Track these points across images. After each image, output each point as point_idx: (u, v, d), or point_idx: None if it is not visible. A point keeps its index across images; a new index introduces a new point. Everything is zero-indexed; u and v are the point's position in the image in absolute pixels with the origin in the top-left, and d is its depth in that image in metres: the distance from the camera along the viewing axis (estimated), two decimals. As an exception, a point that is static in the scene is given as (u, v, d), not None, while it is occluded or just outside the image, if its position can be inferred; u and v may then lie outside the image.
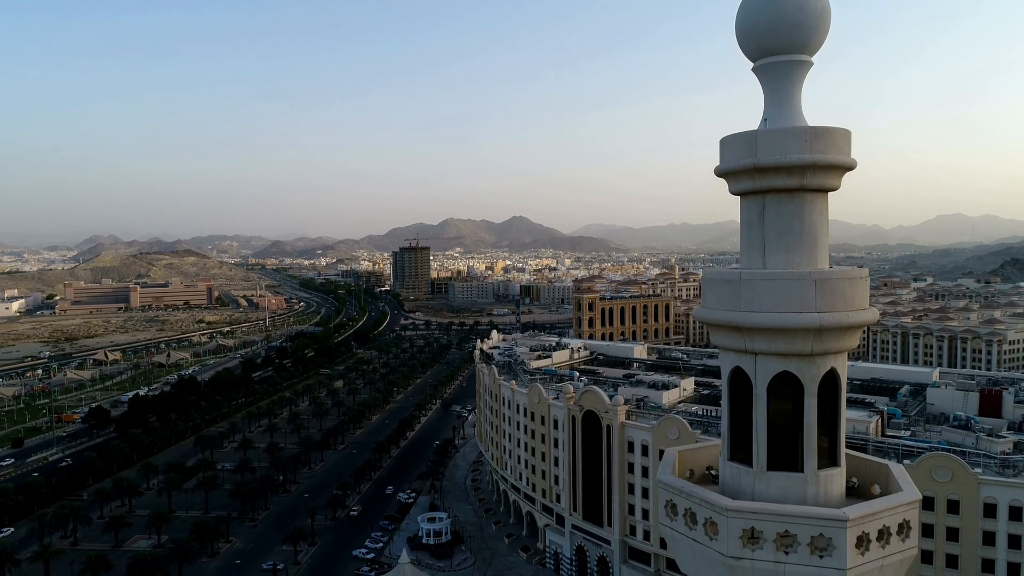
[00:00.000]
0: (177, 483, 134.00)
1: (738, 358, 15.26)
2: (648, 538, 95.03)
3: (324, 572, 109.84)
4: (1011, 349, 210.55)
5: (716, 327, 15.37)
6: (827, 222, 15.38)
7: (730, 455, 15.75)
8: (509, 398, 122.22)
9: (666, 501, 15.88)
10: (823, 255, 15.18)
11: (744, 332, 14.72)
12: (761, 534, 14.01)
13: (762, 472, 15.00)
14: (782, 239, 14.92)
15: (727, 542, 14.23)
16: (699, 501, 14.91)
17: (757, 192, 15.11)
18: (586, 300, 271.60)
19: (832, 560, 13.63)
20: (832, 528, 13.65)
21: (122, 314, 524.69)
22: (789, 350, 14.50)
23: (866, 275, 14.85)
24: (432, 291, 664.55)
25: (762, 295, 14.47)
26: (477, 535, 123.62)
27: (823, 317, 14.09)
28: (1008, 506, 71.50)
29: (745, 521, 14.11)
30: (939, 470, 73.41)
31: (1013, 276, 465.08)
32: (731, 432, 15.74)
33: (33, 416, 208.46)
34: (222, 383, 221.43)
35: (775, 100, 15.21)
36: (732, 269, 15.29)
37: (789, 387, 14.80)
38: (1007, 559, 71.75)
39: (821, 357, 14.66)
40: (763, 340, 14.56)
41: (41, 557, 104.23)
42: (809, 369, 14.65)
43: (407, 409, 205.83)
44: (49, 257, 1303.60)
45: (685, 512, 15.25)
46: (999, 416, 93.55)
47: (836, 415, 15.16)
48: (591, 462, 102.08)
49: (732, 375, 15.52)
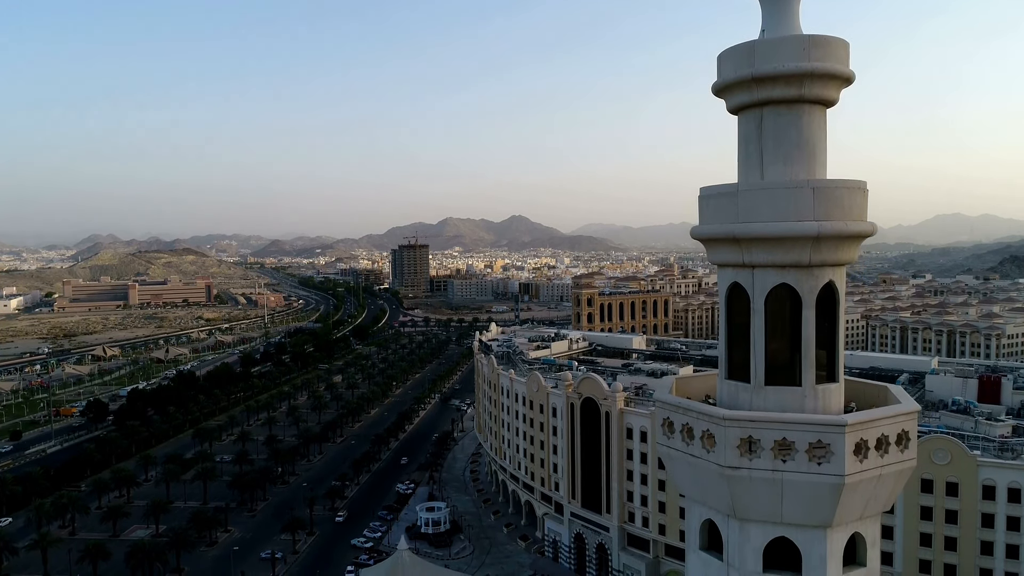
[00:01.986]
0: (175, 474, 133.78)
1: (736, 273, 15.14)
2: (647, 525, 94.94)
3: (323, 561, 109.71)
4: (1010, 343, 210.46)
5: (714, 242, 15.23)
6: (825, 139, 15.26)
7: (728, 374, 15.63)
8: (508, 387, 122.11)
9: (663, 419, 15.77)
10: (821, 171, 15.06)
11: (742, 244, 14.60)
12: (759, 443, 13.91)
13: (760, 387, 14.88)
14: (780, 150, 14.80)
15: (724, 452, 14.13)
16: (696, 414, 14.81)
17: (755, 105, 14.99)
18: (585, 295, 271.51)
19: (830, 467, 13.53)
20: (830, 434, 13.55)
21: (120, 311, 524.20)
22: (787, 261, 14.38)
23: (865, 187, 14.74)
24: (431, 289, 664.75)
25: (760, 205, 14.35)
26: (476, 525, 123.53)
27: (821, 225, 13.96)
28: (1007, 488, 71.52)
29: (742, 430, 14.01)
30: (938, 452, 73.40)
31: (1012, 273, 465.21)
32: (728, 350, 15.62)
33: (31, 410, 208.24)
34: (221, 377, 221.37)
35: (773, 11, 15.08)
36: (729, 183, 15.16)
37: (787, 300, 14.69)
38: (1006, 541, 71.78)
39: (819, 269, 14.54)
40: (761, 251, 14.44)
41: (39, 545, 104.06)
42: (807, 281, 14.53)
43: (406, 403, 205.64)
44: (48, 256, 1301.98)
45: (683, 428, 15.13)
46: (998, 403, 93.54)
47: (834, 330, 15.04)
48: (590, 449, 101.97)
49: (729, 291, 15.40)
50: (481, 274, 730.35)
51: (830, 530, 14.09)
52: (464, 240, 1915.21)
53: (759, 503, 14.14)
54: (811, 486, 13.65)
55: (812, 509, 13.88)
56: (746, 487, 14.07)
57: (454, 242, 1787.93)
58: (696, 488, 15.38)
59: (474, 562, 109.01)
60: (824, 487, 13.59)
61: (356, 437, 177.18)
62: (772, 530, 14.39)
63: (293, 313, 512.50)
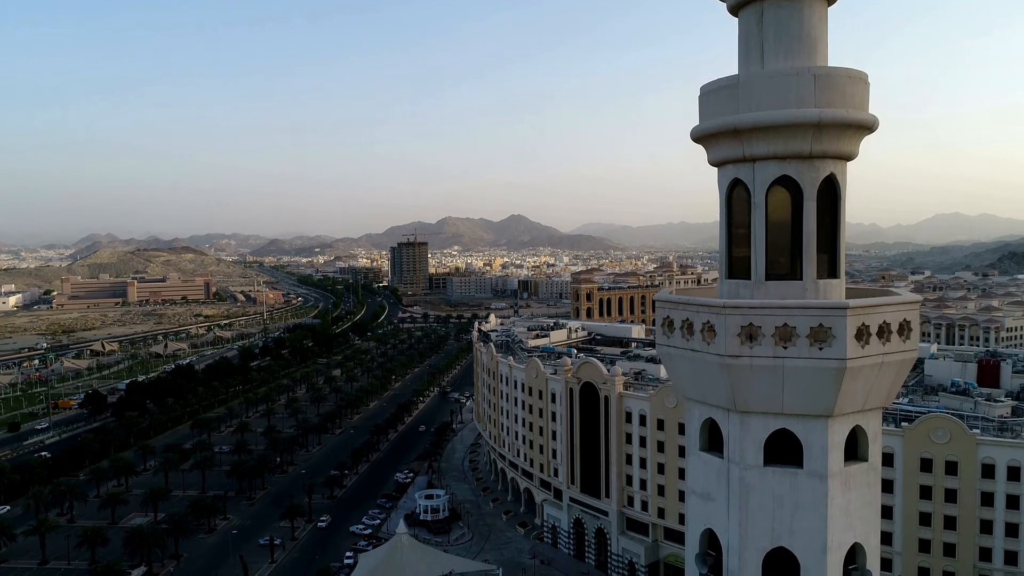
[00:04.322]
0: (174, 463, 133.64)
1: (736, 169, 15.01)
2: (646, 508, 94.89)
3: (321, 547, 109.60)
4: (1009, 336, 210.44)
5: (713, 137, 15.07)
6: (826, 34, 15.14)
7: (728, 273, 15.52)
8: (507, 375, 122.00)
9: (664, 318, 15.64)
10: (822, 63, 14.93)
11: (743, 136, 14.46)
12: (759, 330, 13.79)
13: (760, 282, 14.76)
14: (781, 42, 14.67)
15: (725, 341, 14.01)
16: (697, 307, 14.69)
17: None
18: (584, 290, 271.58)
19: (832, 351, 13.41)
20: (832, 317, 13.43)
21: (119, 308, 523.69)
22: (788, 151, 14.26)
23: (867, 78, 14.62)
24: (430, 286, 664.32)
25: (761, 94, 14.22)
26: (475, 512, 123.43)
27: (822, 112, 13.83)
28: (1006, 466, 71.41)
29: (743, 318, 13.90)
30: (937, 431, 73.35)
31: (1011, 269, 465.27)
32: (729, 250, 15.50)
33: (30, 403, 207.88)
34: (219, 370, 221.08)
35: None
36: (730, 75, 15.03)
37: (788, 192, 14.57)
38: (1005, 519, 71.68)
39: (820, 161, 14.42)
40: (762, 142, 14.31)
41: (37, 531, 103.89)
42: (808, 173, 14.41)
43: (405, 396, 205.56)
44: (47, 256, 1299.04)
45: (683, 323, 15.01)
46: (997, 386, 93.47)
47: (836, 225, 14.93)
48: (589, 434, 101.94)
49: (729, 189, 15.27)
50: (480, 272, 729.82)
51: (831, 420, 13.98)
52: (463, 239, 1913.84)
53: (760, 393, 14.03)
54: (812, 372, 13.53)
55: (813, 397, 13.76)
56: (747, 377, 13.96)
57: (453, 241, 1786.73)
58: (696, 385, 15.26)
59: (473, 548, 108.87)
60: (825, 372, 13.47)
61: (355, 428, 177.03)
62: (773, 422, 14.28)
63: (292, 310, 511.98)
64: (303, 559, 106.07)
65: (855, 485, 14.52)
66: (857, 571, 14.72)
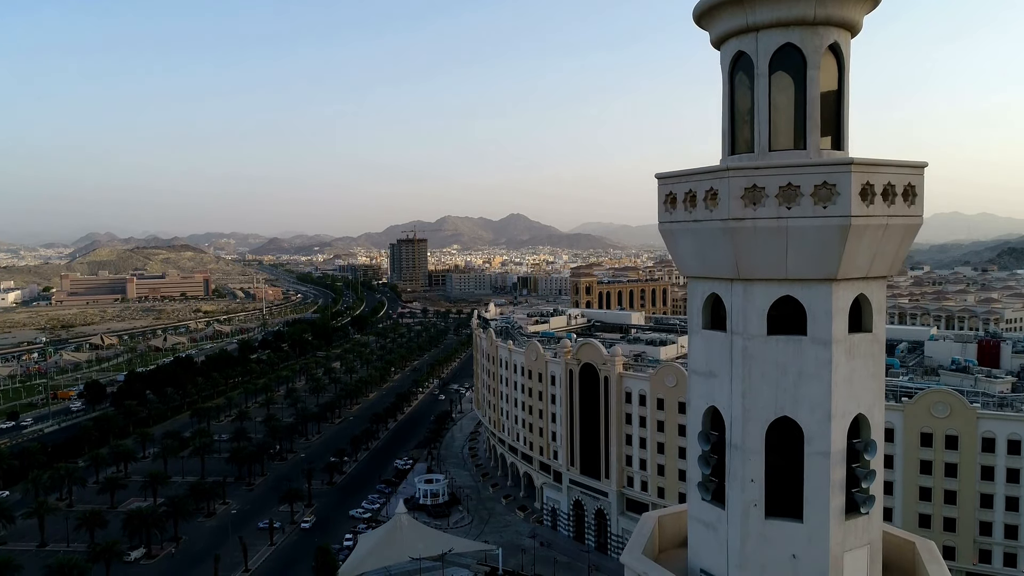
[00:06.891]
0: (173, 450, 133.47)
1: (739, 42, 14.90)
2: (645, 488, 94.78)
3: (321, 530, 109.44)
4: (1008, 327, 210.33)
5: (716, 9, 14.91)
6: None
7: (731, 150, 15.41)
8: (506, 359, 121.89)
9: (666, 195, 15.54)
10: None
11: (746, 5, 14.36)
12: (763, 190, 13.69)
13: (764, 153, 14.65)
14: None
15: (728, 205, 13.91)
16: (700, 175, 14.59)
17: None
18: (584, 283, 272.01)
19: (836, 208, 13.32)
20: (836, 174, 13.34)
21: (118, 304, 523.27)
22: (791, 17, 14.15)
23: (870, -55, 14.50)
24: (429, 283, 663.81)
25: (764, -42, 14.11)
26: (474, 497, 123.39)
27: (826, -26, 13.73)
28: (1007, 440, 71.35)
29: (747, 179, 13.80)
30: (938, 406, 73.28)
31: (1010, 265, 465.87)
32: (731, 126, 15.39)
33: (29, 395, 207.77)
34: (219, 361, 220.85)
35: None
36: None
37: (792, 61, 14.47)
38: (1005, 493, 71.63)
39: (824, 28, 14.32)
40: (765, 8, 14.20)
41: (36, 513, 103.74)
42: (812, 40, 14.31)
43: (404, 387, 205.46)
44: (46, 254, 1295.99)
45: (685, 196, 14.90)
46: (997, 366, 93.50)
47: (840, 97, 14.83)
48: (589, 415, 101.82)
49: (732, 65, 15.16)
50: (480, 269, 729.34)
51: (835, 284, 13.87)
52: (463, 238, 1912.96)
53: (763, 258, 13.92)
54: (816, 231, 13.43)
55: (817, 259, 13.65)
56: (750, 241, 13.85)
57: (452, 240, 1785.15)
58: (699, 259, 15.15)
59: (472, 531, 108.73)
60: (830, 231, 13.37)
61: (354, 418, 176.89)
62: (777, 289, 14.17)
63: (291, 306, 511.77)
64: (302, 542, 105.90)
65: (859, 354, 14.43)
66: (861, 443, 14.61)
